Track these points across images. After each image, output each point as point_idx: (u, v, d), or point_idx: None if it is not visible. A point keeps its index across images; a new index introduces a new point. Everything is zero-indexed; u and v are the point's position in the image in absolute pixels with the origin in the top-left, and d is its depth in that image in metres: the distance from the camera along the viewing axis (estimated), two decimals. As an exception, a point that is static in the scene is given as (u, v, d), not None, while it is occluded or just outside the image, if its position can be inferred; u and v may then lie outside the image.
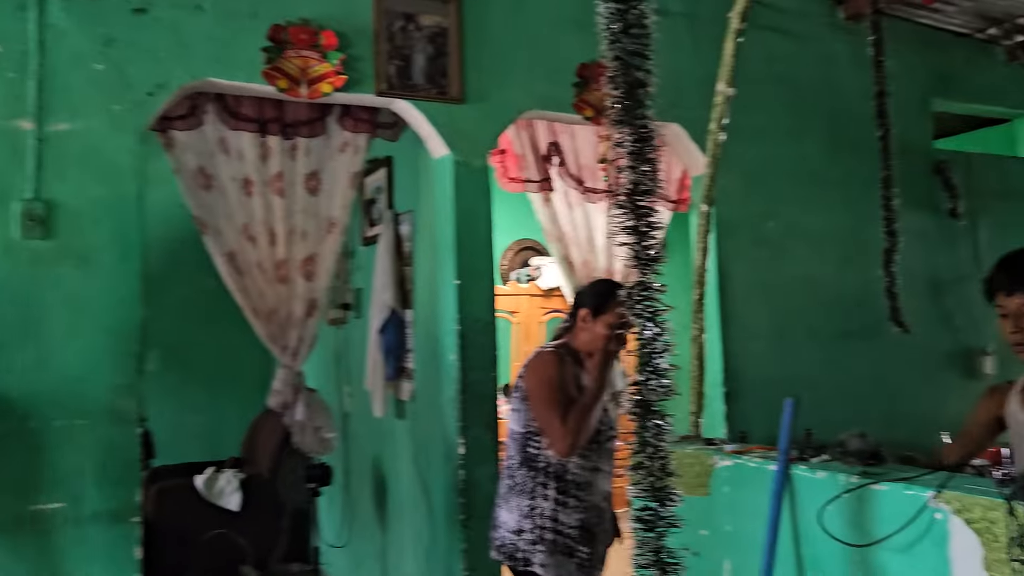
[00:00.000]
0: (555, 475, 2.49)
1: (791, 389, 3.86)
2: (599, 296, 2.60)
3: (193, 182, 3.16)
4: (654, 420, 1.47)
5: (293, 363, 3.28)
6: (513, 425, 2.60)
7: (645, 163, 1.48)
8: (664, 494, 1.52)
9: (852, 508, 1.66)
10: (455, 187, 3.35)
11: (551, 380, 2.49)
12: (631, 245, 1.47)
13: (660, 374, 1.45)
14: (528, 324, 6.49)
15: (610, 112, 1.51)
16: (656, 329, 1.46)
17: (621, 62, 1.47)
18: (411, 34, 3.29)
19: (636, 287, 1.47)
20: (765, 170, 3.96)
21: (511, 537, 2.51)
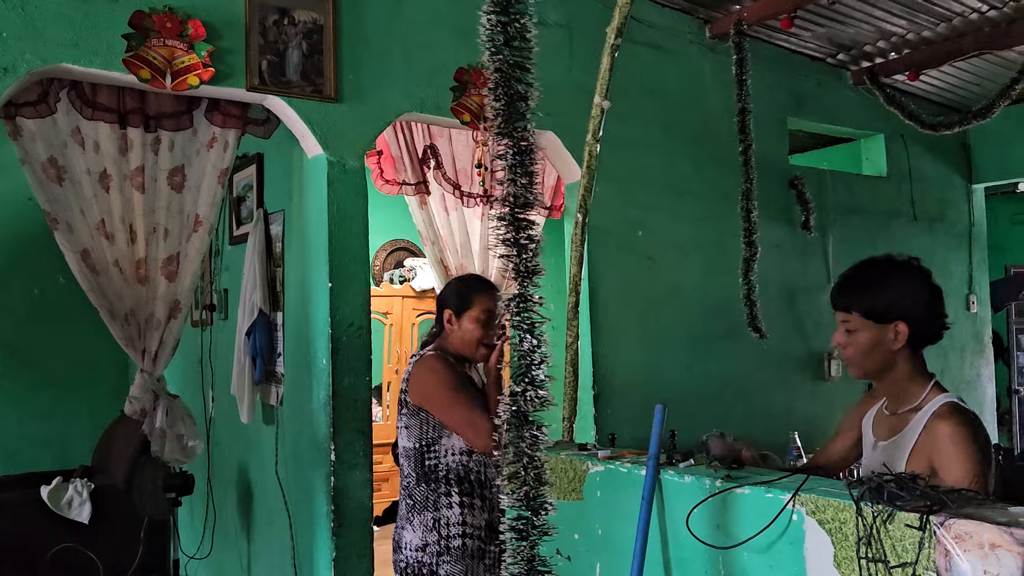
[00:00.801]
0: (456, 479, 2.45)
1: (657, 392, 4.03)
2: (459, 295, 2.59)
3: (43, 174, 2.95)
4: (530, 431, 1.48)
5: (153, 368, 3.12)
6: (405, 442, 2.51)
7: (525, 176, 1.49)
8: (538, 503, 1.54)
9: (717, 511, 1.73)
10: (329, 187, 3.27)
11: (451, 380, 2.44)
12: (510, 257, 1.48)
13: (538, 385, 1.47)
14: (401, 325, 6.44)
15: (491, 123, 1.51)
16: (534, 341, 1.48)
17: (503, 74, 1.48)
18: (285, 29, 3.19)
19: (515, 299, 1.49)
20: (635, 180, 4.08)
21: (415, 555, 2.43)
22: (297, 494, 3.49)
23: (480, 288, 2.62)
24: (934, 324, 1.89)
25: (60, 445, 5.43)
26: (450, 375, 2.47)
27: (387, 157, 3.72)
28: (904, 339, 1.85)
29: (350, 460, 3.25)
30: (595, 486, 2.07)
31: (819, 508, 1.55)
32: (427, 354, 2.54)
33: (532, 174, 1.51)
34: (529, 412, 1.49)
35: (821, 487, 1.61)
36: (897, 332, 1.85)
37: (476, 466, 2.49)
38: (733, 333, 4.27)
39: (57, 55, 2.79)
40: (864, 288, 1.90)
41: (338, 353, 3.24)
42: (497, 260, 3.80)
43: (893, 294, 1.87)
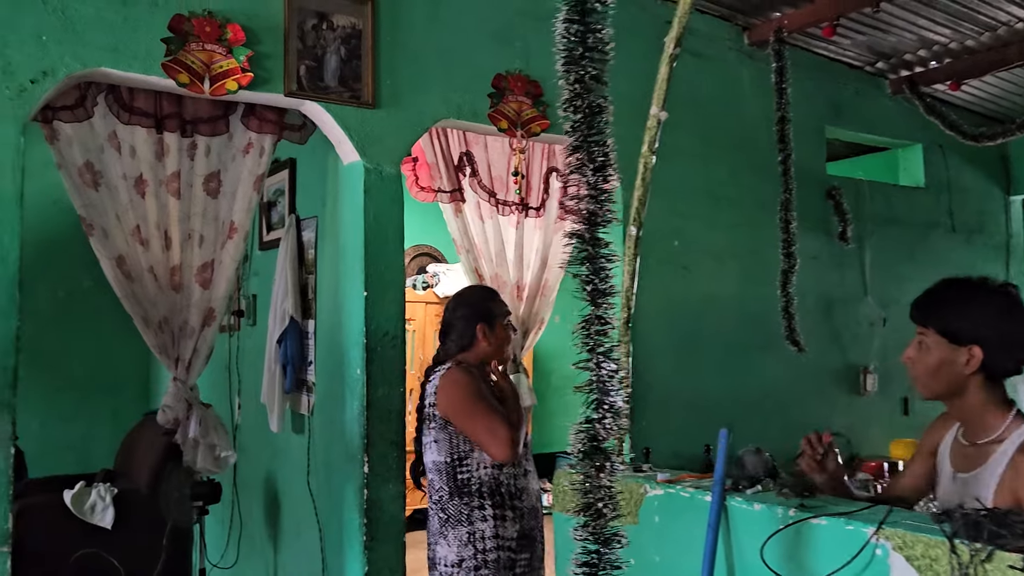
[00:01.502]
0: (489, 493, 2.45)
1: (692, 404, 3.96)
2: (487, 308, 2.67)
3: (79, 179, 2.90)
4: (608, 461, 1.42)
5: (187, 377, 3.07)
6: (436, 456, 2.50)
7: (602, 192, 1.42)
8: (610, 536, 1.47)
9: (789, 542, 1.66)
10: (365, 194, 3.22)
11: (477, 392, 2.45)
12: (586, 277, 1.41)
13: (616, 412, 1.40)
14: (425, 332, 6.38)
15: (567, 137, 1.44)
16: (612, 365, 1.41)
17: (581, 85, 1.41)
18: (324, 34, 3.14)
19: (591, 321, 1.42)
20: (671, 188, 4.01)
21: (451, 571, 2.43)
22: (328, 505, 3.43)
23: (496, 295, 2.77)
24: (1014, 353, 1.79)
25: (83, 449, 5.40)
26: (475, 386, 2.48)
27: (422, 164, 3.66)
28: (977, 364, 1.75)
29: (383, 472, 3.19)
30: (653, 510, 2.00)
31: (907, 543, 1.47)
32: (451, 367, 2.54)
33: (609, 191, 1.44)
34: (603, 440, 1.42)
35: (906, 520, 1.54)
36: (971, 356, 1.75)
37: (507, 478, 2.48)
38: (769, 344, 4.19)
39: (96, 59, 2.74)
40: (945, 305, 1.81)
41: (373, 363, 3.19)
42: (531, 269, 3.74)
43: (974, 316, 1.77)
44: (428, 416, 2.53)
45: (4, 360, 2.56)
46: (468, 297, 2.76)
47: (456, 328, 2.65)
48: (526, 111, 3.56)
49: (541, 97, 3.61)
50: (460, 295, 2.80)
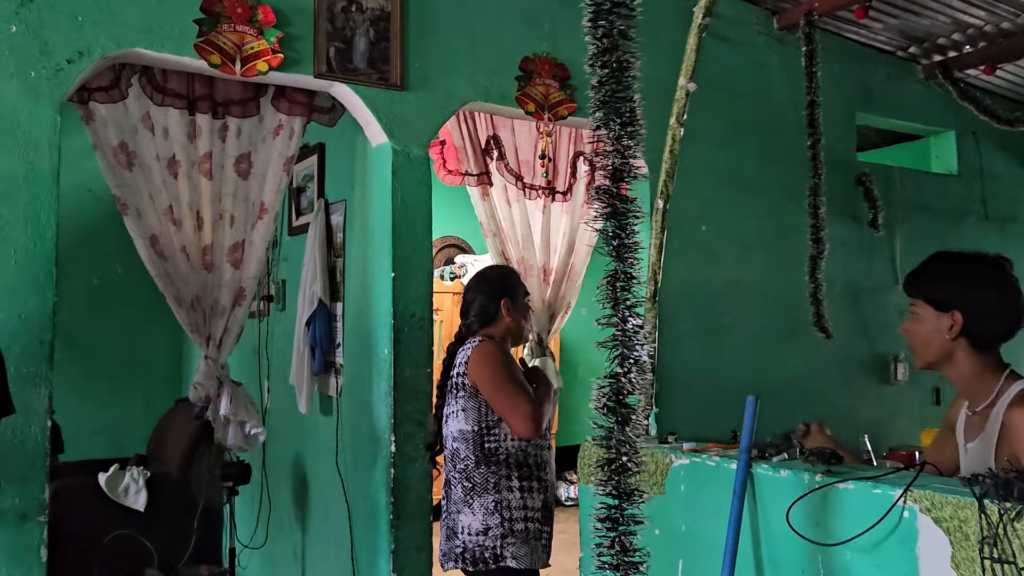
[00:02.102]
0: (516, 463, 2.49)
1: (717, 390, 3.94)
2: (510, 284, 2.72)
3: (114, 159, 2.95)
4: (629, 414, 1.42)
5: (218, 355, 3.11)
6: (463, 425, 2.52)
7: (627, 148, 1.43)
8: (630, 491, 1.47)
9: (815, 507, 1.65)
10: (394, 176, 3.24)
11: (508, 366, 2.50)
12: (611, 233, 1.42)
13: (640, 367, 1.40)
14: (452, 322, 6.40)
15: (592, 94, 1.45)
16: (637, 320, 1.42)
17: (608, 40, 1.41)
18: (353, 16, 3.17)
19: (616, 276, 1.42)
20: (698, 173, 3.99)
21: (476, 539, 2.44)
22: (355, 485, 3.46)
23: (516, 274, 2.86)
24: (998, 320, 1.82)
25: (115, 433, 5.50)
26: (506, 360, 2.54)
27: (450, 147, 3.68)
28: (959, 330, 1.81)
29: (410, 452, 3.21)
30: (679, 480, 2.00)
31: (935, 505, 1.46)
32: (483, 340, 2.58)
33: (633, 147, 1.44)
34: (628, 395, 1.42)
35: (934, 483, 1.53)
36: (954, 322, 1.82)
37: (534, 450, 2.53)
38: (796, 332, 4.16)
39: (130, 39, 2.79)
40: (933, 276, 1.90)
41: (400, 344, 3.21)
42: (558, 253, 3.74)
43: (957, 283, 1.85)
44: (457, 385, 2.55)
45: (41, 334, 2.62)
46: (490, 274, 2.83)
47: (479, 303, 2.68)
48: (553, 94, 3.57)
49: (568, 80, 3.61)
50: (482, 272, 2.86)
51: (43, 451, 2.61)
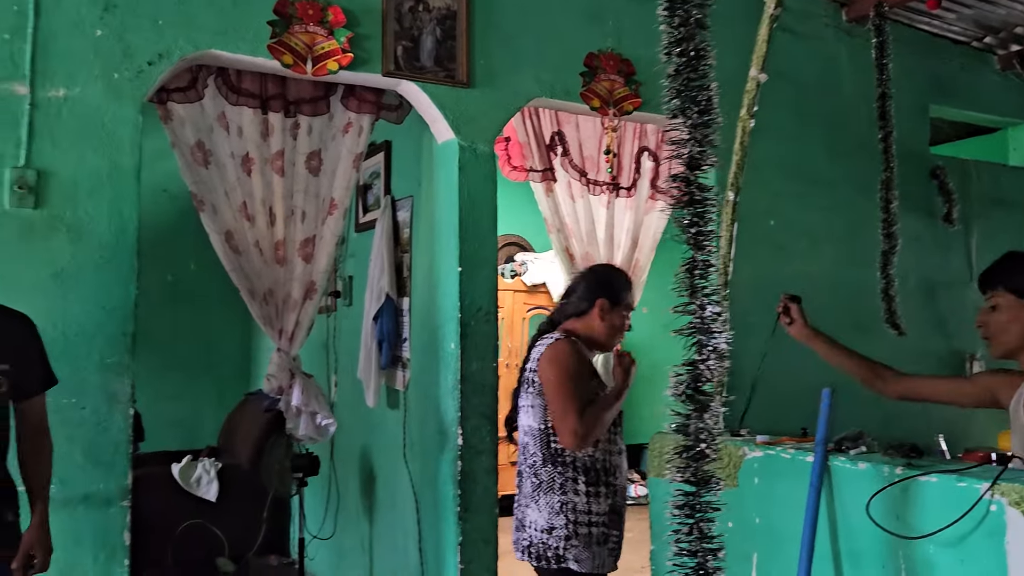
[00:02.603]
0: (583, 468, 2.42)
1: (786, 387, 3.87)
2: (617, 288, 2.58)
3: (191, 157, 3.05)
4: (708, 402, 1.42)
5: (289, 347, 3.18)
6: (531, 421, 2.49)
7: (704, 136, 1.42)
8: (707, 478, 1.47)
9: (895, 500, 1.62)
10: (460, 172, 3.28)
11: (571, 372, 2.42)
12: (689, 220, 1.42)
13: (719, 355, 1.40)
14: (512, 320, 6.44)
15: (668, 82, 1.45)
16: (715, 308, 1.41)
17: (685, 29, 1.41)
18: (420, 15, 3.21)
19: (693, 264, 1.42)
20: (765, 167, 3.93)
21: (541, 536, 2.41)
22: (422, 478, 3.51)
23: (630, 286, 2.66)
24: None
25: (188, 425, 5.66)
26: (575, 365, 2.45)
27: (514, 143, 3.70)
28: None
29: (477, 445, 3.24)
30: (752, 472, 1.98)
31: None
32: (560, 338, 2.51)
33: (711, 134, 1.44)
34: (706, 383, 1.42)
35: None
36: None
37: (601, 454, 2.46)
38: (867, 328, 4.05)
39: (207, 41, 2.88)
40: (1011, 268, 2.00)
41: (467, 338, 3.24)
42: (621, 249, 3.73)
43: None
44: (528, 380, 2.52)
45: (124, 325, 2.72)
46: (601, 269, 2.76)
47: (578, 292, 2.60)
48: (618, 90, 3.56)
49: (633, 76, 3.60)
50: (597, 266, 2.81)
51: (126, 438, 2.71)
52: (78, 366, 2.62)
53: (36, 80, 2.65)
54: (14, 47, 2.63)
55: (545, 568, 2.43)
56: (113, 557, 2.64)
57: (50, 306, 2.60)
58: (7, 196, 2.59)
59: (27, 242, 2.61)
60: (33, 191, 2.62)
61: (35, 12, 2.66)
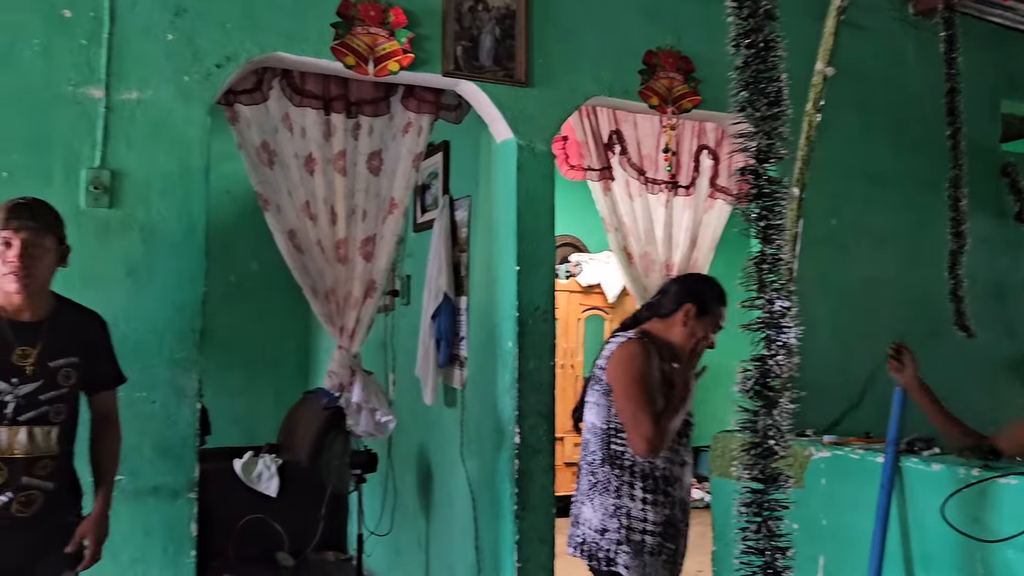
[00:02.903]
0: (642, 474, 2.36)
1: (849, 390, 3.80)
2: (709, 297, 2.49)
3: (256, 157, 3.12)
4: (778, 398, 1.40)
5: (350, 345, 3.23)
6: (594, 420, 2.45)
7: (773, 128, 1.41)
8: (775, 475, 1.44)
9: (972, 503, 1.58)
10: (518, 171, 3.29)
11: (640, 375, 2.34)
12: (758, 213, 1.40)
13: (788, 350, 1.38)
14: (567, 320, 6.43)
15: (737, 75, 1.44)
16: (784, 303, 1.39)
17: (754, 20, 1.40)
18: (479, 15, 3.24)
19: (762, 258, 1.40)
20: (827, 165, 3.82)
21: (594, 536, 2.38)
22: (479, 476, 3.52)
23: (723, 301, 2.52)
24: None
25: (249, 422, 5.77)
26: (644, 368, 2.37)
27: (572, 143, 3.70)
28: None
29: (534, 444, 3.24)
30: (819, 473, 1.94)
31: (1111, 501, 1.37)
32: (632, 338, 2.44)
33: (780, 127, 1.42)
34: (775, 378, 1.40)
35: (1110, 479, 1.43)
36: None
37: (663, 463, 2.38)
38: (934, 330, 3.95)
39: (272, 44, 2.95)
40: None
41: (524, 336, 3.25)
42: (680, 248, 3.69)
43: None
44: (595, 376, 2.47)
45: (192, 322, 2.79)
46: (699, 277, 2.68)
47: (668, 294, 2.53)
48: (677, 87, 3.53)
49: (693, 73, 3.57)
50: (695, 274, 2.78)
51: (193, 431, 2.78)
52: (149, 361, 2.70)
53: (111, 84, 2.74)
54: (90, 52, 2.72)
55: (596, 568, 2.40)
56: (180, 548, 2.71)
57: (124, 302, 2.68)
58: (84, 196, 2.68)
59: (103, 240, 2.70)
60: (108, 191, 2.71)
61: (110, 18, 2.75)
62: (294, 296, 3.61)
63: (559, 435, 5.49)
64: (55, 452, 2.21)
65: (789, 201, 2.44)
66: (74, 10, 2.71)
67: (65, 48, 2.69)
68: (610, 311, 6.64)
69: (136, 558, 2.65)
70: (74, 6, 2.71)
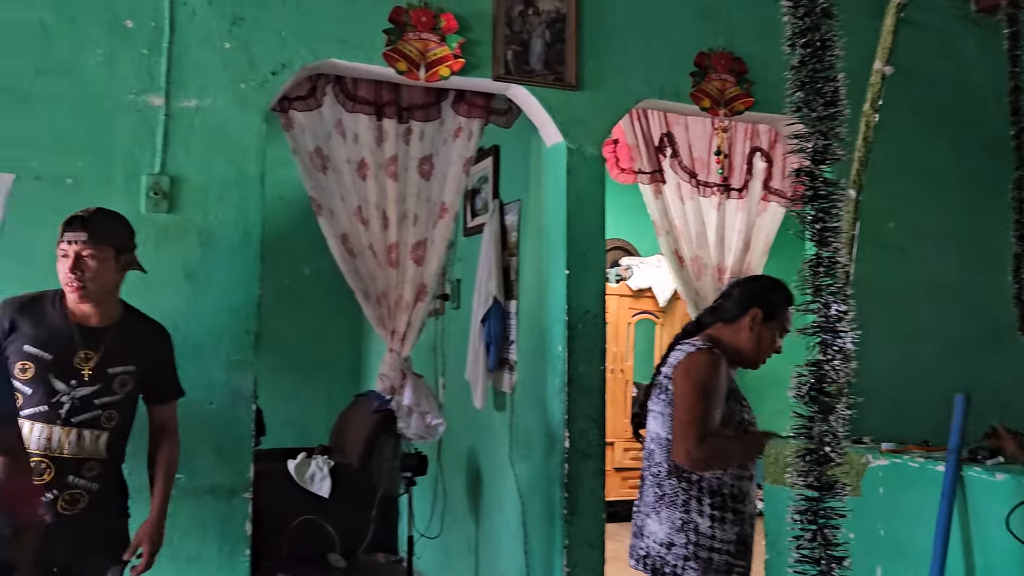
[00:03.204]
0: (710, 490, 2.30)
1: (906, 397, 3.70)
2: (774, 301, 2.42)
3: (310, 163, 3.17)
4: (834, 404, 1.37)
5: (401, 348, 3.26)
6: (659, 429, 2.39)
7: (829, 129, 1.38)
8: (831, 483, 1.41)
9: (1039, 514, 1.52)
10: (568, 175, 3.28)
11: (704, 387, 2.29)
12: (813, 216, 1.38)
13: (844, 355, 1.35)
14: (617, 324, 6.39)
15: (792, 74, 1.42)
16: (841, 306, 1.37)
17: (810, 19, 1.38)
18: (530, 19, 3.24)
19: (817, 261, 1.38)
20: (884, 166, 3.72)
21: (659, 550, 2.32)
22: (529, 480, 3.52)
23: (790, 303, 2.44)
24: None
25: (302, 424, 5.87)
26: (713, 379, 2.30)
27: (623, 146, 3.68)
28: None
29: (584, 448, 3.23)
30: (877, 481, 1.90)
31: None
32: (702, 347, 2.36)
33: (837, 128, 1.39)
34: (831, 384, 1.37)
35: None
36: None
37: (730, 479, 2.33)
38: (999, 337, 3.82)
39: (326, 51, 2.99)
40: None
41: (574, 340, 3.24)
42: (733, 251, 3.65)
43: None
44: (660, 385, 2.41)
45: (247, 324, 2.85)
46: (763, 278, 2.60)
47: (732, 297, 2.47)
48: (729, 89, 3.49)
49: (745, 74, 3.52)
50: (760, 276, 2.70)
51: (248, 432, 2.83)
52: (206, 363, 2.76)
53: (171, 92, 2.81)
54: (151, 61, 2.80)
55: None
56: (236, 547, 2.77)
57: (183, 306, 2.75)
58: (144, 201, 2.76)
59: (162, 245, 2.76)
60: (167, 197, 2.78)
61: (170, 28, 2.82)
62: (346, 300, 3.65)
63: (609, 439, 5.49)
64: (103, 456, 2.27)
65: (846, 203, 2.40)
66: (136, 20, 2.78)
67: (127, 57, 2.77)
68: (661, 315, 6.59)
69: (192, 556, 2.71)
70: (136, 16, 2.78)
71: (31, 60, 2.68)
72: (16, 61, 2.67)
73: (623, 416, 6.11)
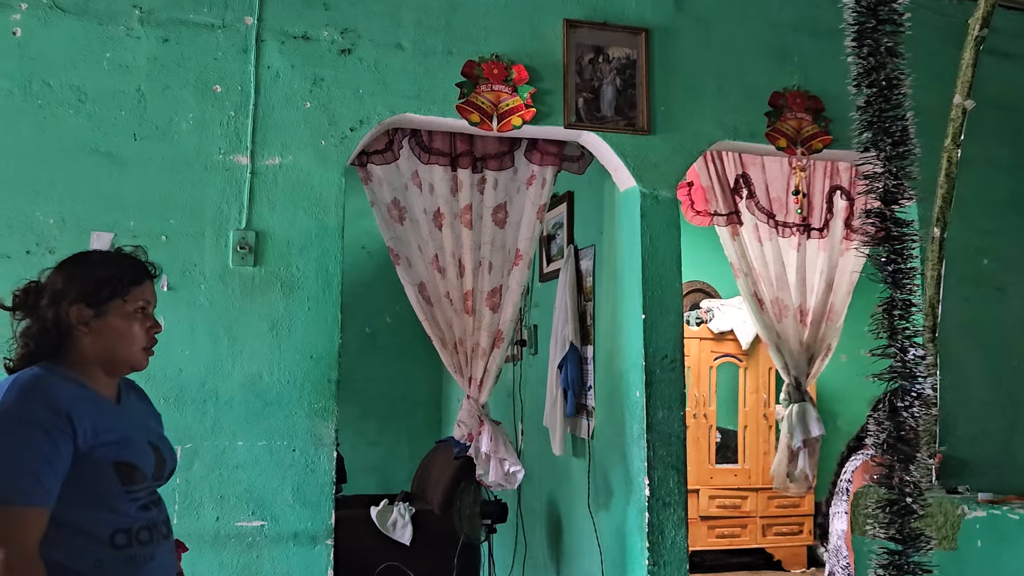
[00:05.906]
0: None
1: (1009, 444, 3.51)
2: None
3: (388, 214, 3.25)
4: (912, 452, 1.31)
5: (479, 395, 3.28)
6: (845, 527, 2.51)
7: (899, 168, 1.34)
8: (914, 535, 1.34)
9: None
10: (642, 219, 3.27)
11: None
12: (886, 257, 1.33)
13: (924, 401, 1.29)
14: (699, 368, 6.27)
15: (859, 114, 1.38)
16: (918, 351, 1.31)
17: (875, 59, 1.35)
18: (600, 67, 3.28)
19: (891, 304, 1.33)
20: (976, 201, 3.63)
21: None
22: (609, 529, 3.46)
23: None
24: None
25: (384, 471, 5.93)
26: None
27: (697, 188, 3.66)
28: None
29: (664, 496, 3.16)
30: (974, 535, 1.80)
31: None
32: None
33: (907, 167, 1.35)
34: (909, 432, 1.31)
35: None
36: None
37: None
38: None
39: (402, 106, 3.09)
40: None
41: (652, 386, 3.20)
42: (815, 292, 3.55)
43: None
44: (843, 489, 2.59)
45: (328, 373, 2.91)
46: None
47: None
48: (806, 127, 3.44)
49: (822, 112, 3.47)
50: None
51: (330, 479, 2.88)
52: (290, 410, 2.83)
53: (255, 151, 2.95)
54: (238, 123, 2.94)
55: None
56: (318, 593, 2.80)
57: (267, 355, 2.84)
58: (231, 256, 2.88)
59: (248, 297, 2.87)
60: (253, 251, 2.89)
61: (255, 91, 2.97)
62: (426, 347, 3.70)
63: (693, 487, 5.34)
64: None
65: (930, 243, 2.33)
66: (224, 85, 2.94)
67: (216, 120, 2.92)
68: (744, 358, 6.43)
69: (276, 602, 2.76)
70: (224, 81, 2.94)
71: (129, 126, 2.85)
72: (116, 127, 2.84)
73: (707, 462, 5.96)
